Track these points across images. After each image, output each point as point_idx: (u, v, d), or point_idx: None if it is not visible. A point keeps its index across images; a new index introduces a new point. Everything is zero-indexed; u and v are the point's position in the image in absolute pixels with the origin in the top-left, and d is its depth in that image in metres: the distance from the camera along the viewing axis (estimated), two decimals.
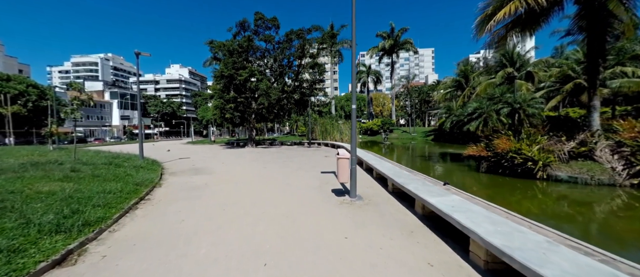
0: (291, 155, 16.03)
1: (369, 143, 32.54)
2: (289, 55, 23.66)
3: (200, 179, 8.32)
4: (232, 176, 8.88)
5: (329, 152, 17.32)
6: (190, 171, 10.19)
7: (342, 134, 32.74)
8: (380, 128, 40.07)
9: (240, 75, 20.93)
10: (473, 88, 26.31)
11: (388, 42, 41.09)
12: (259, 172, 9.74)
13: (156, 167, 9.70)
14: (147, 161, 11.03)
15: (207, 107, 70.85)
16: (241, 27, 24.76)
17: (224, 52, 22.29)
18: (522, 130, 9.25)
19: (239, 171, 10.13)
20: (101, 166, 7.50)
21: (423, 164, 14.14)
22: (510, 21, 10.53)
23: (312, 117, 35.94)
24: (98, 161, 8.30)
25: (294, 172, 9.60)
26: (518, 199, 7.12)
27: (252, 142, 25.16)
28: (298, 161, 12.82)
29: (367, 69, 51.84)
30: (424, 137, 34.35)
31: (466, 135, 22.83)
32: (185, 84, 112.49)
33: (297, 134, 45.79)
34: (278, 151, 19.80)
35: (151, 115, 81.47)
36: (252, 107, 23.82)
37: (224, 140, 41.50)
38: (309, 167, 10.66)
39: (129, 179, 6.65)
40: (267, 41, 24.22)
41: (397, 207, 5.30)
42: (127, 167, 8.16)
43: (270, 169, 10.48)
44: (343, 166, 5.80)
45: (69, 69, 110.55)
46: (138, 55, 11.22)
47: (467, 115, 21.83)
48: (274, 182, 7.84)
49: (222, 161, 13.55)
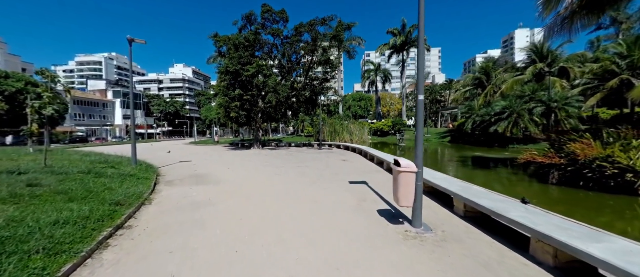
0: (304, 158, 14.30)
1: (379, 144, 30.68)
2: (299, 49, 21.90)
3: (203, 192, 6.62)
4: (241, 187, 7.17)
5: (345, 155, 15.56)
6: (191, 178, 8.52)
7: (352, 135, 30.96)
8: (391, 129, 38.22)
9: (246, 71, 19.27)
10: (496, 86, 24.34)
11: (399, 39, 39.20)
12: (272, 181, 8.03)
13: (149, 175, 8.03)
14: (140, 165, 9.37)
15: (210, 106, 69.54)
16: (247, 20, 23.12)
17: (229, 46, 20.67)
18: (603, 132, 7.42)
19: (249, 179, 8.43)
20: (75, 176, 5.85)
21: (463, 171, 12.27)
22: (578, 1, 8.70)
23: (321, 117, 34.30)
24: (75, 168, 6.65)
25: (316, 181, 7.87)
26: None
27: (258, 143, 23.49)
28: (314, 166, 11.08)
29: (375, 67, 50.04)
30: (438, 139, 32.40)
31: (491, 136, 20.94)
32: (188, 83, 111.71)
33: (304, 134, 44.10)
34: (288, 153, 18.10)
35: (154, 115, 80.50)
36: (259, 105, 22.16)
37: (227, 140, 39.97)
38: (330, 175, 8.93)
39: (106, 195, 4.95)
40: (275, 35, 22.54)
41: (494, 247, 3.52)
42: (110, 177, 6.48)
43: (285, 176, 8.77)
44: (406, 183, 3.99)
45: (73, 68, 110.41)
46: (131, 42, 9.59)
47: (494, 115, 19.93)
48: (295, 197, 6.11)
49: (228, 164, 11.87)
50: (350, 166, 11.32)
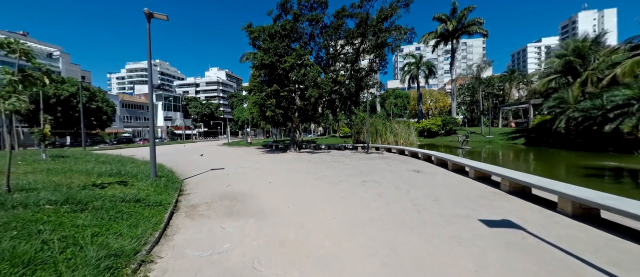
0: (361, 168, 11.13)
1: (426, 147, 26.17)
2: (346, 35, 18.76)
3: (240, 238, 3.86)
4: (301, 227, 4.27)
5: (408, 163, 12.03)
6: (223, 201, 5.90)
7: (397, 136, 26.97)
8: (441, 128, 33.19)
9: (284, 63, 16.77)
10: (600, 71, 18.54)
11: (450, 25, 33.88)
12: (346, 212, 5.01)
13: (166, 197, 5.58)
14: (159, 180, 7.06)
15: (242, 107, 70.19)
16: (282, 8, 20.69)
17: (265, 36, 18.42)
18: None
19: (305, 205, 5.53)
20: (34, 214, 3.40)
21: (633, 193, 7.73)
22: None
23: (360, 116, 30.81)
24: (50, 194, 4.28)
25: (413, 215, 4.67)
26: None
27: (294, 146, 20.97)
28: (387, 182, 7.85)
29: (417, 60, 44.92)
30: (506, 140, 26.68)
31: (597, 138, 15.63)
32: (222, 85, 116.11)
33: (339, 135, 40.97)
34: (332, 158, 15.10)
35: (192, 117, 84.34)
36: (296, 103, 19.60)
37: (260, 142, 38.56)
38: (425, 200, 5.62)
39: (62, 266, 2.37)
40: (315, 22, 19.72)
41: None
42: (99, 210, 4.01)
43: (356, 201, 5.71)
44: None
45: (124, 75, 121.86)
46: (150, 18, 7.39)
47: (612, 109, 14.64)
48: (412, 261, 2.99)
49: (268, 176, 9.21)
50: (436, 181, 7.86)
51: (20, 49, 4.25)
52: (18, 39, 4.56)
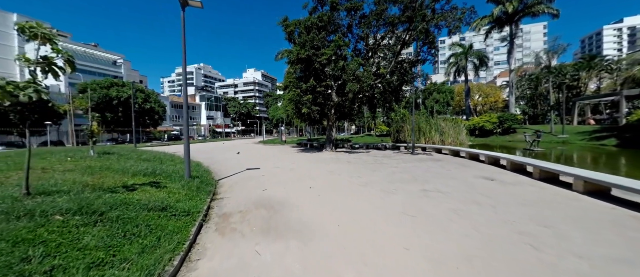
0: (413, 172, 9.45)
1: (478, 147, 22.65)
2: (389, 21, 16.91)
3: (281, 274, 2.77)
4: (364, 269, 3.03)
5: (472, 168, 9.92)
6: (259, 211, 4.98)
7: (444, 135, 24.02)
8: (497, 126, 28.87)
9: (321, 55, 15.68)
10: None
11: (510, 6, 29.10)
12: (421, 240, 3.62)
13: (197, 202, 4.84)
14: (193, 181, 6.49)
15: (277, 106, 71.76)
16: (318, 0, 19.70)
17: (301, 29, 17.58)
18: None
19: (361, 225, 4.27)
20: (39, 228, 2.81)
21: None
22: None
23: (400, 113, 28.35)
24: (67, 201, 3.74)
25: (547, 261, 3.07)
26: None
27: (331, 145, 19.83)
28: (462, 195, 6.16)
29: (465, 50, 40.13)
30: (587, 141, 21.81)
31: None
32: (258, 86, 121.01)
33: (375, 133, 38.76)
34: (375, 159, 13.55)
35: (231, 116, 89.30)
36: (333, 99, 18.41)
37: (294, 140, 38.39)
38: (537, 226, 3.90)
39: None
40: (354, 10, 18.19)
41: None
42: (115, 221, 3.31)
43: (436, 223, 4.25)
44: None
45: (174, 79, 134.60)
46: (184, 6, 6.86)
47: None
48: None
49: (308, 180, 8.17)
50: (527, 195, 5.89)
51: (41, 33, 3.74)
52: (52, 29, 4.12)
